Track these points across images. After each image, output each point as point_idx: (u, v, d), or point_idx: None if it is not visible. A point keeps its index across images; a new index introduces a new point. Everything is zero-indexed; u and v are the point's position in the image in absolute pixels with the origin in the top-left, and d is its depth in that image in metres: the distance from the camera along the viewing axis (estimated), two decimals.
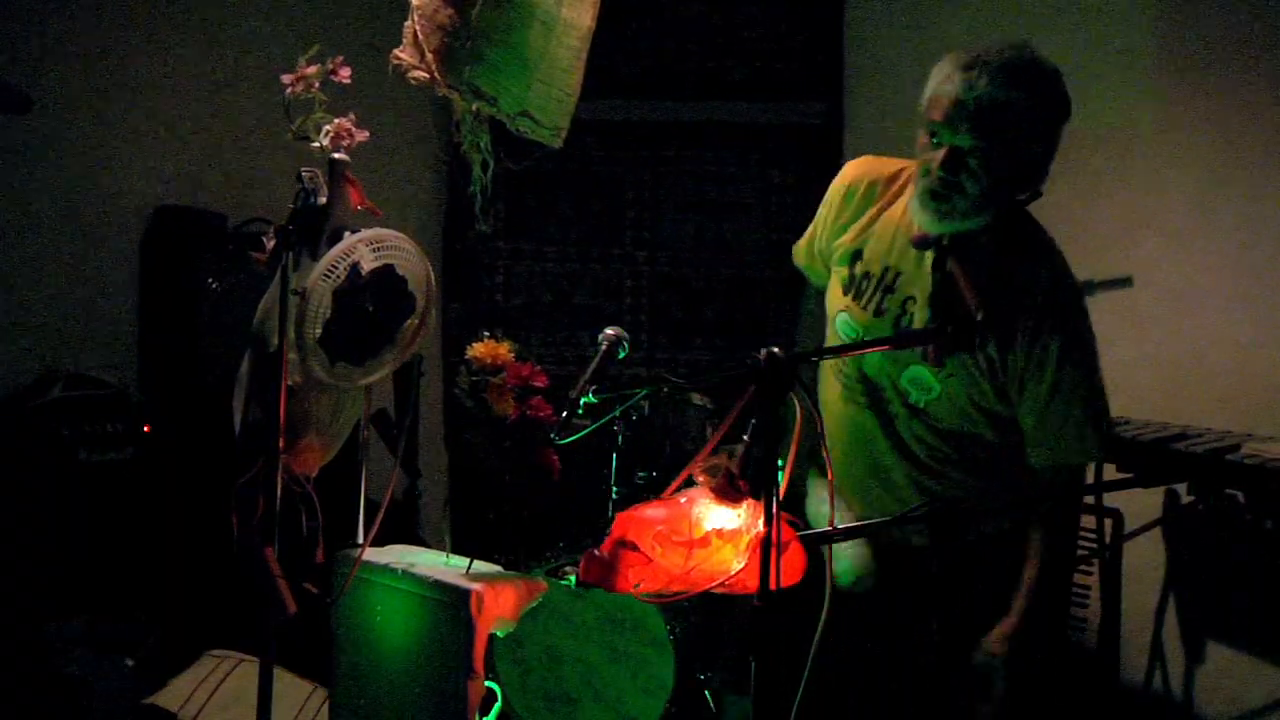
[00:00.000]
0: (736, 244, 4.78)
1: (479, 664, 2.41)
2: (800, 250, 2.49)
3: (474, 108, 2.30)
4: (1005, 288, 2.13)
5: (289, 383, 2.20)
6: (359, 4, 4.26)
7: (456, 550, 2.58)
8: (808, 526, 2.19)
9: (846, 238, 2.28)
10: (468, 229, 4.75)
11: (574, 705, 3.20)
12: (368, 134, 2.28)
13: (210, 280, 3.61)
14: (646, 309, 4.86)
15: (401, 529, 3.38)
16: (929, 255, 2.15)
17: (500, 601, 2.44)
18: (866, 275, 2.22)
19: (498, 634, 2.51)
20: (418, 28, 2.26)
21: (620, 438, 3.68)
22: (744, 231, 4.77)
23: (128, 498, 3.29)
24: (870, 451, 2.29)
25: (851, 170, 2.35)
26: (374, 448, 2.60)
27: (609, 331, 2.40)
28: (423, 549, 2.73)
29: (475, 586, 2.41)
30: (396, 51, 2.28)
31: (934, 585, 2.24)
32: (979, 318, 1.95)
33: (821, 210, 2.39)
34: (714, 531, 1.94)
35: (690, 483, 1.99)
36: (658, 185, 4.84)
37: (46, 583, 3.13)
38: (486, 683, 2.49)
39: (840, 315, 2.27)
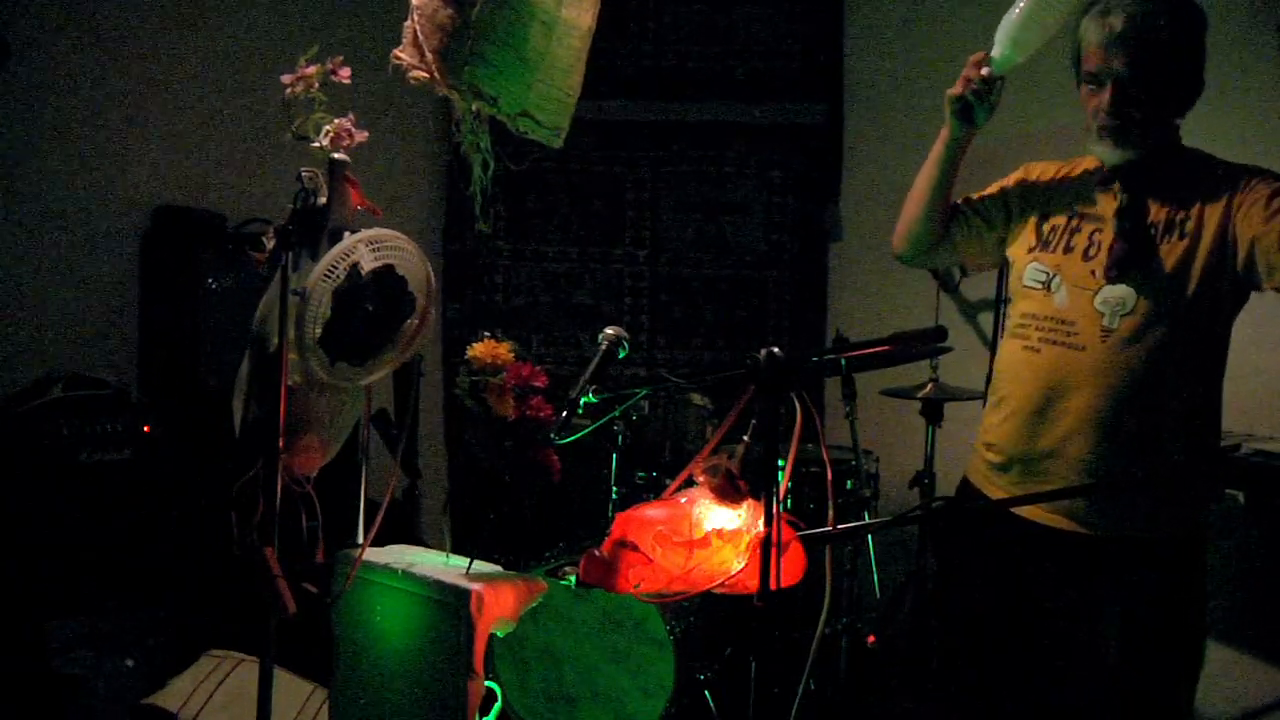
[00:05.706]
0: (736, 244, 4.78)
1: (479, 664, 2.40)
2: (968, 211, 2.62)
3: (474, 108, 2.30)
4: (1199, 186, 2.31)
5: (289, 383, 2.19)
6: (359, 4, 4.26)
7: (456, 550, 2.58)
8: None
9: (1033, 204, 2.51)
10: (468, 229, 4.75)
11: (574, 705, 3.20)
12: (367, 134, 2.28)
13: (210, 280, 3.61)
14: (646, 309, 4.86)
15: (401, 529, 3.38)
16: (1111, 191, 2.36)
17: (500, 601, 2.44)
18: (1053, 227, 2.44)
19: (498, 634, 2.51)
20: (418, 27, 2.25)
21: (620, 438, 3.69)
22: (744, 231, 4.77)
23: (127, 498, 3.29)
24: (1073, 394, 2.35)
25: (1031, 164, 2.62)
26: (374, 448, 2.60)
27: (609, 331, 2.39)
28: (423, 549, 2.73)
29: (475, 586, 2.41)
30: (396, 51, 2.28)
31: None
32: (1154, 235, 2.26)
33: (1000, 189, 2.57)
34: (714, 532, 1.93)
35: (690, 483, 1.98)
36: (658, 185, 4.84)
37: (46, 583, 3.13)
38: (486, 683, 2.49)
39: (1030, 266, 2.45)
